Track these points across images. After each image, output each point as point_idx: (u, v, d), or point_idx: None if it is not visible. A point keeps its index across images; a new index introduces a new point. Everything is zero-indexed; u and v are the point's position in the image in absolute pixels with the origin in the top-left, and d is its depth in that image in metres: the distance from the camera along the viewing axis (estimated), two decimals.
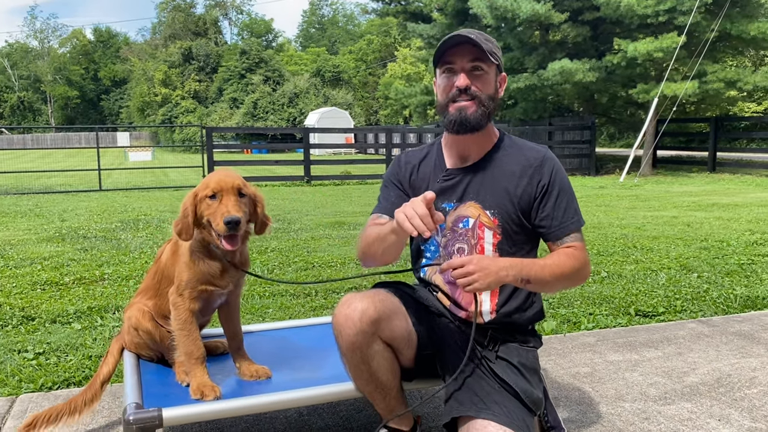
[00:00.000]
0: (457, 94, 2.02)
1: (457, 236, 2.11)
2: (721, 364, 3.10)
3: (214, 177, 2.09)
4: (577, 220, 2.09)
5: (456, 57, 2.02)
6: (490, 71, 2.04)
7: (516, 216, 2.07)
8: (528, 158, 2.10)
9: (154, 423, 1.90)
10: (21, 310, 4.17)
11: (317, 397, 2.14)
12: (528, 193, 2.07)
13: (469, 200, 2.10)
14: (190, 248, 2.17)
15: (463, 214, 2.10)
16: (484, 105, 2.03)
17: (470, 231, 2.09)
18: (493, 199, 2.07)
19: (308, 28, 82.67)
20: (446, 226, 2.12)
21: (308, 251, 6.28)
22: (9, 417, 2.57)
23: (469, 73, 2.02)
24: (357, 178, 16.75)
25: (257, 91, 43.64)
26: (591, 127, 18.36)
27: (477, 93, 2.02)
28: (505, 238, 2.08)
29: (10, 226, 8.35)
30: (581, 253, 2.06)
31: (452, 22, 20.36)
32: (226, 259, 2.18)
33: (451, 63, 2.03)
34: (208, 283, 2.18)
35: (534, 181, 2.07)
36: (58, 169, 17.63)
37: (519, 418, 1.90)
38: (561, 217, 2.07)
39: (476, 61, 2.01)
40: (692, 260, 5.62)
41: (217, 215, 2.02)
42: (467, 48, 2.00)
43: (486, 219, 2.07)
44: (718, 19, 15.41)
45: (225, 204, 2.03)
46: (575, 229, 2.08)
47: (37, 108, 71.99)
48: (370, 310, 1.95)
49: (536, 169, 2.08)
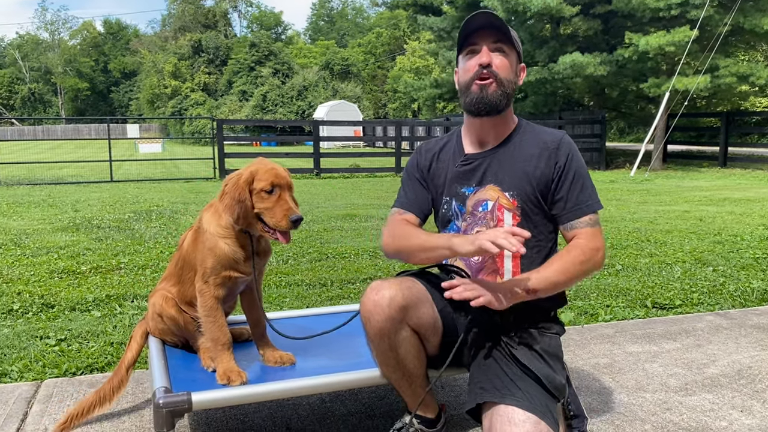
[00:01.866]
0: (480, 72, 2.05)
1: (477, 219, 2.12)
2: (740, 356, 3.09)
3: (270, 170, 2.11)
4: (591, 204, 2.07)
5: (479, 38, 2.07)
6: (511, 55, 2.08)
7: (535, 197, 2.08)
8: (545, 141, 2.12)
9: (183, 407, 1.92)
10: (40, 298, 4.20)
11: (342, 383, 2.16)
12: (545, 174, 2.08)
13: (488, 183, 2.12)
14: (216, 234, 2.18)
15: (482, 198, 2.12)
16: (503, 86, 2.06)
17: (489, 213, 2.10)
18: (511, 180, 2.09)
19: (317, 21, 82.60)
20: (466, 210, 2.14)
21: (321, 242, 6.29)
22: (35, 401, 2.60)
23: (493, 52, 2.06)
24: (366, 171, 16.75)
25: (266, 83, 43.69)
26: (601, 121, 18.28)
27: (497, 72, 2.05)
28: (525, 219, 2.08)
29: (24, 215, 8.41)
30: (591, 241, 2.03)
31: (463, 14, 20.25)
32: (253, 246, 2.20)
33: (475, 44, 2.07)
34: (232, 269, 2.19)
35: (551, 163, 2.08)
36: (69, 160, 17.70)
37: (542, 404, 1.90)
38: (575, 199, 2.07)
39: (499, 43, 2.06)
40: (707, 254, 5.60)
41: (277, 211, 2.07)
42: (490, 31, 2.05)
43: (505, 201, 2.08)
44: (731, 12, 15.29)
45: (286, 201, 2.08)
46: (589, 211, 2.06)
47: (47, 99, 72.32)
48: (398, 297, 1.97)
49: (553, 151, 2.09)
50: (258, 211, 2.10)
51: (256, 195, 2.09)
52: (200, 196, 11.07)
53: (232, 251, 2.18)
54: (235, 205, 2.10)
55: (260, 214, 2.10)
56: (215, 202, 2.24)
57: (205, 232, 2.21)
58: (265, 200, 2.09)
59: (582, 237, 2.05)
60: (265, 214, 2.09)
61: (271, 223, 2.09)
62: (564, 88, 18.91)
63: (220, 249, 2.17)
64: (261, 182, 2.09)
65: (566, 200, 2.07)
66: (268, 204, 2.08)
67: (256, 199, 2.10)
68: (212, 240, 2.18)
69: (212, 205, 2.25)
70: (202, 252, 2.20)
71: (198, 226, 2.27)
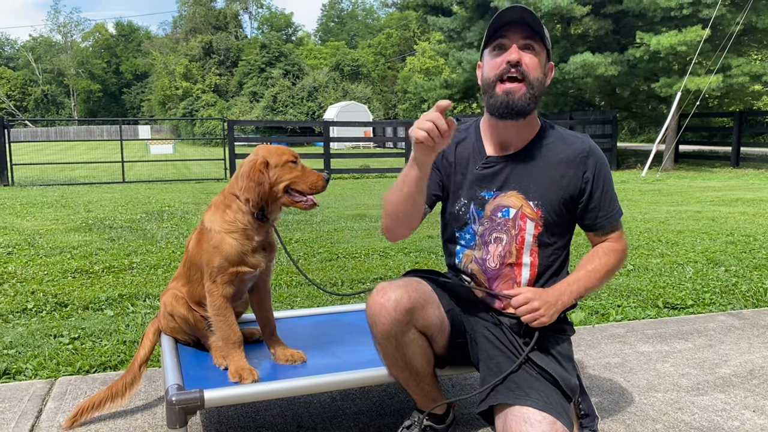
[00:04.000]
0: (507, 70, 1.96)
1: (495, 225, 2.08)
2: (753, 357, 3.08)
3: (280, 150, 2.24)
4: (618, 209, 2.12)
5: (509, 32, 1.98)
6: (541, 54, 2.01)
7: (559, 207, 2.06)
8: (574, 149, 2.07)
9: (196, 404, 1.94)
10: (54, 297, 4.24)
11: (352, 381, 2.17)
12: (574, 184, 2.05)
13: (511, 189, 2.07)
14: (222, 230, 2.19)
15: (503, 204, 2.07)
16: (533, 87, 1.98)
17: (511, 221, 2.06)
18: (537, 189, 2.05)
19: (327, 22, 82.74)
20: (484, 215, 2.10)
21: (332, 242, 6.31)
22: (49, 398, 2.63)
23: (522, 50, 1.97)
24: (376, 171, 16.75)
25: (277, 84, 43.83)
26: (612, 121, 18.18)
27: (527, 72, 1.96)
28: (546, 230, 2.07)
29: (37, 216, 8.48)
30: (619, 244, 2.12)
31: (473, 15, 20.24)
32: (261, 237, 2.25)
33: (504, 37, 1.98)
34: (240, 263, 2.20)
35: (579, 173, 2.05)
36: (82, 161, 17.82)
37: (558, 404, 1.90)
38: (607, 207, 2.09)
39: (529, 39, 1.97)
40: (719, 254, 5.57)
41: (309, 175, 2.23)
42: (521, 27, 1.97)
43: (529, 210, 2.05)
44: (743, 11, 15.18)
45: (309, 169, 2.24)
46: (618, 216, 2.12)
47: (60, 101, 72.89)
48: (404, 300, 1.97)
49: (582, 159, 2.06)
50: (289, 181, 2.20)
51: (281, 168, 2.20)
52: (211, 196, 11.07)
53: (239, 244, 2.19)
54: (257, 186, 2.16)
55: (291, 183, 2.21)
56: (215, 201, 2.27)
57: (209, 231, 2.22)
58: (294, 170, 2.22)
59: (613, 240, 2.12)
60: (298, 182, 2.22)
61: (307, 185, 2.22)
62: (575, 88, 18.85)
63: (228, 244, 2.18)
64: (283, 157, 2.21)
65: (599, 209, 2.08)
66: (297, 173, 2.22)
67: (283, 171, 2.20)
68: (218, 237, 2.19)
69: (213, 205, 2.27)
70: (208, 252, 2.21)
71: (201, 228, 2.28)
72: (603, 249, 2.10)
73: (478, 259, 2.12)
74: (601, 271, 2.05)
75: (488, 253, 2.10)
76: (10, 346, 3.27)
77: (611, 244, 2.11)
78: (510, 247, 2.07)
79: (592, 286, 2.04)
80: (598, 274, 2.04)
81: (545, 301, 1.93)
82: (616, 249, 2.10)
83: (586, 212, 2.09)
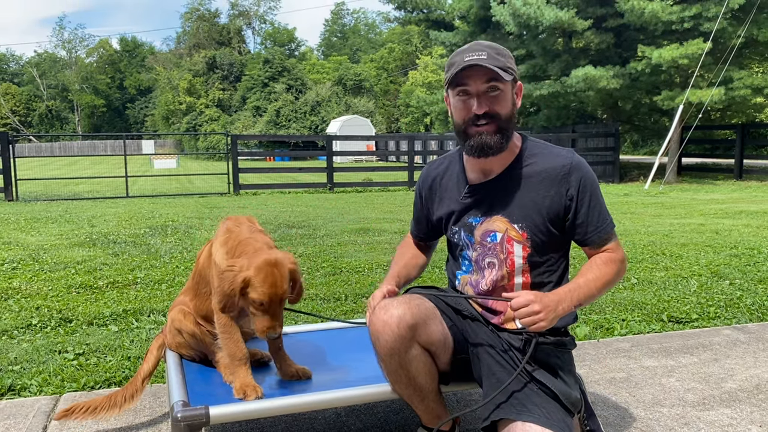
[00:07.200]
0: (476, 119, 1.99)
1: (487, 250, 2.11)
2: (759, 371, 3.07)
3: (269, 283, 2.05)
4: (609, 221, 2.10)
5: (470, 79, 1.96)
6: (506, 89, 2.00)
7: (545, 227, 2.06)
8: (555, 167, 2.06)
9: (201, 421, 1.94)
10: (58, 312, 4.25)
11: (357, 397, 2.17)
12: (557, 203, 2.05)
13: (496, 214, 2.10)
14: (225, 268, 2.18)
15: (490, 229, 2.10)
16: (503, 127, 2.00)
17: (499, 245, 2.09)
18: (520, 212, 2.06)
19: (330, 37, 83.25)
20: (475, 240, 2.13)
21: (335, 257, 6.31)
22: (54, 415, 2.63)
23: (485, 94, 1.98)
24: (379, 185, 16.79)
25: (280, 99, 44.03)
26: (615, 134, 18.23)
27: (495, 113, 1.98)
28: (535, 250, 2.08)
29: (42, 231, 8.51)
30: (617, 253, 2.10)
31: (475, 29, 20.38)
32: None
33: (466, 85, 1.98)
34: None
35: (562, 190, 2.05)
36: (86, 176, 17.91)
37: (559, 419, 1.90)
38: (596, 222, 2.07)
39: (491, 82, 1.96)
40: (723, 267, 5.56)
41: (261, 322, 2.07)
42: (483, 71, 1.95)
43: (514, 233, 2.07)
44: (744, 25, 15.25)
45: (272, 315, 2.07)
46: (610, 229, 2.09)
47: (64, 116, 73.31)
48: (407, 316, 1.98)
49: (563, 177, 2.05)
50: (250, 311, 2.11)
51: (248, 300, 2.08)
52: (214, 211, 11.15)
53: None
54: (225, 297, 2.11)
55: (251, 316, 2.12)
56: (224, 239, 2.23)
57: (216, 264, 2.20)
58: (256, 311, 2.08)
59: (610, 250, 2.09)
60: (253, 320, 2.10)
61: (253, 328, 2.12)
62: (577, 101, 18.92)
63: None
64: (256, 293, 2.05)
65: (587, 224, 2.07)
66: (256, 312, 2.08)
67: (248, 303, 2.09)
68: (221, 264, 2.19)
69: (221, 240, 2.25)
70: (215, 276, 2.22)
71: (210, 252, 2.28)
72: (601, 258, 2.08)
73: (473, 282, 2.17)
74: (601, 280, 2.03)
75: (483, 277, 2.13)
76: (15, 362, 3.27)
77: (608, 254, 2.09)
78: (502, 271, 2.09)
79: (591, 295, 2.02)
80: (598, 283, 2.02)
81: (545, 305, 1.90)
82: (613, 259, 2.07)
83: (574, 228, 2.08)
